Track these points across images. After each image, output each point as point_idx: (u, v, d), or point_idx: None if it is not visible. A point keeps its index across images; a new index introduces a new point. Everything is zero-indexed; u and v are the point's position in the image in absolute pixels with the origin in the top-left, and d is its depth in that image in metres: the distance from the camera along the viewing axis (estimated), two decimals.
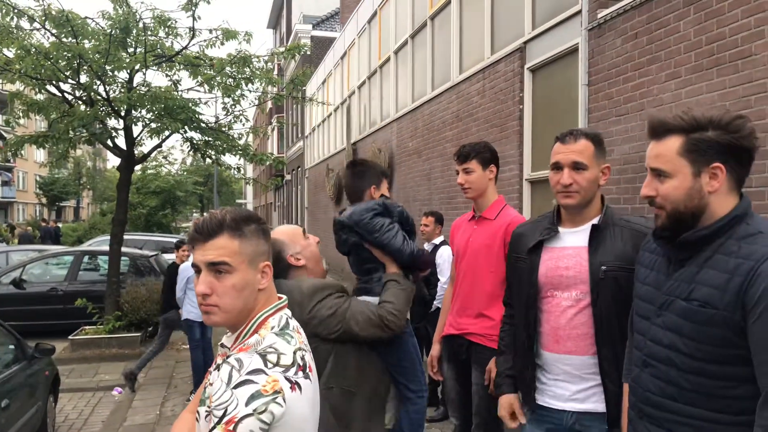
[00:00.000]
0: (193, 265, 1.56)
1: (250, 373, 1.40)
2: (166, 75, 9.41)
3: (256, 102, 10.39)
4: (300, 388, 1.45)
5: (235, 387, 1.38)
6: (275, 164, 10.70)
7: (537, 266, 2.33)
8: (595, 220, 2.28)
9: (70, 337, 9.13)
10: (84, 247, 15.08)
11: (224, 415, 1.35)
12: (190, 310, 6.68)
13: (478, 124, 8.49)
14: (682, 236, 1.71)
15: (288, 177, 28.87)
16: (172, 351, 9.03)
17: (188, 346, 7.05)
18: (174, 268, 7.24)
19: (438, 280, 5.71)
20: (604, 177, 2.31)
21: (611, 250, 2.20)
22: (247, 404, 1.36)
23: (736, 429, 1.59)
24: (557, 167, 2.28)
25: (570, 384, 2.25)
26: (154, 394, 7.10)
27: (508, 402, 2.46)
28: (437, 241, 6.06)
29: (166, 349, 8.12)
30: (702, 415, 1.63)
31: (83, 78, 8.76)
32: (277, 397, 1.38)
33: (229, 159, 19.39)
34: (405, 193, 11.44)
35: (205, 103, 11.65)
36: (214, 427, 1.35)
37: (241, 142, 10.00)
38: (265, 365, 1.43)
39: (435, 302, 5.73)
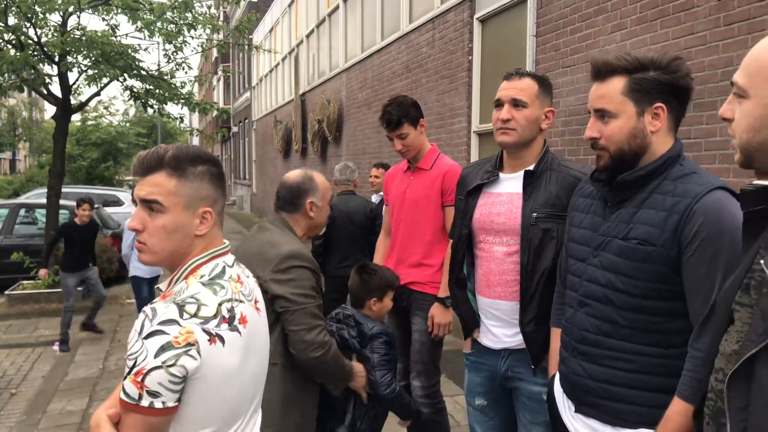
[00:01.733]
0: (132, 198, 1.48)
1: (162, 323, 1.33)
2: (103, 19, 8.97)
3: (200, 49, 10.02)
4: (222, 340, 1.37)
5: (146, 337, 1.31)
6: (219, 114, 10.41)
7: (472, 210, 2.33)
8: (531, 166, 2.26)
9: (6, 292, 8.84)
10: (21, 200, 14.51)
11: (134, 366, 1.29)
12: (137, 267, 6.56)
13: (428, 75, 8.42)
14: (619, 177, 1.73)
15: (235, 129, 28.28)
16: (115, 305, 8.86)
17: (134, 302, 6.97)
18: (67, 228, 7.13)
19: None
20: (547, 121, 2.29)
21: (544, 197, 2.19)
22: (156, 356, 1.29)
23: (668, 361, 1.65)
24: (498, 104, 2.26)
25: (500, 329, 2.28)
26: (98, 348, 6.98)
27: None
28: None
29: (108, 303, 7.97)
30: (636, 349, 1.68)
31: (11, 20, 8.26)
32: (190, 350, 1.31)
33: (173, 109, 18.81)
34: (355, 145, 11.34)
35: (146, 49, 11.21)
36: (124, 378, 1.30)
37: (184, 90, 9.64)
38: (180, 316, 1.34)
39: None
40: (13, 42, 8.46)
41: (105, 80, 8.84)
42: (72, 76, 8.98)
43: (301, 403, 2.31)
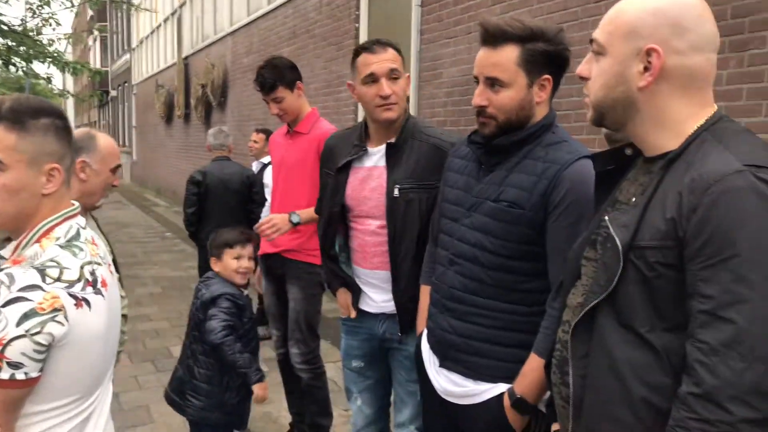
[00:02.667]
0: None
1: (23, 289, 1.25)
2: None
3: (69, 4, 9.29)
4: (89, 304, 1.32)
5: (5, 305, 1.23)
6: (92, 76, 9.74)
7: (343, 188, 2.30)
8: (393, 138, 2.24)
9: None
10: None
11: None
12: None
13: (315, 41, 8.28)
14: (494, 141, 1.77)
15: (114, 93, 26.62)
16: None
17: None
18: None
19: (266, 200, 5.63)
20: (407, 88, 2.29)
21: (406, 169, 2.19)
22: (18, 324, 1.22)
23: (529, 319, 1.73)
24: (373, 79, 2.18)
25: (378, 294, 2.31)
26: None
27: (342, 296, 2.45)
28: (266, 160, 5.92)
29: None
30: (500, 307, 1.75)
31: None
32: (56, 316, 1.25)
33: (40, 68, 17.42)
34: (240, 111, 11.01)
35: (6, 1, 10.22)
36: None
37: (52, 49, 8.93)
38: (43, 280, 1.27)
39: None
40: None
41: None
42: None
43: None
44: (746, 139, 1.16)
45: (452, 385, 1.84)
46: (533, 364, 1.65)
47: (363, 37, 7.20)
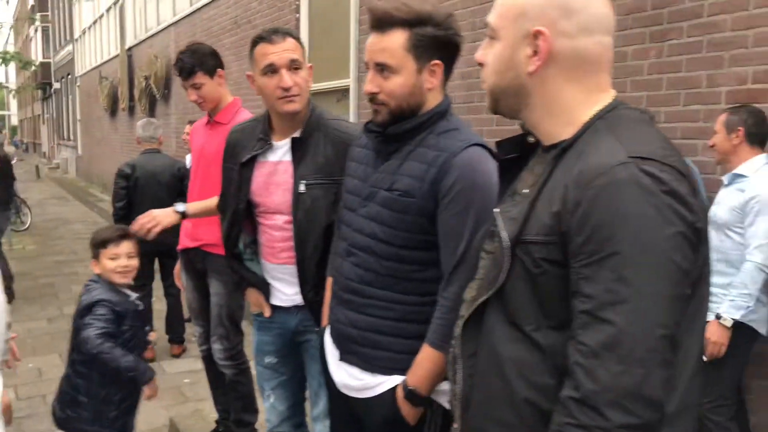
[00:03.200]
0: None
1: None
2: None
3: None
4: None
5: None
6: (23, 66, 9.38)
7: (248, 183, 2.24)
8: (298, 132, 2.18)
9: None
10: None
11: None
12: None
13: (257, 31, 8.02)
14: (388, 129, 1.74)
15: (57, 85, 25.77)
16: None
17: None
18: None
19: None
20: (310, 77, 2.23)
21: (313, 164, 2.14)
22: None
23: (422, 308, 1.71)
24: (272, 70, 2.11)
25: (289, 287, 2.26)
26: None
27: (253, 296, 2.40)
28: None
29: None
30: (394, 298, 1.72)
31: None
32: None
33: None
34: (185, 104, 10.78)
35: None
36: None
37: None
38: None
39: None
40: None
41: None
42: None
43: None
44: (640, 129, 1.10)
45: (351, 379, 1.81)
46: (426, 354, 1.63)
47: (304, 28, 7.11)
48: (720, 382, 2.84)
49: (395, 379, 1.73)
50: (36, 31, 27.72)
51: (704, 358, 2.70)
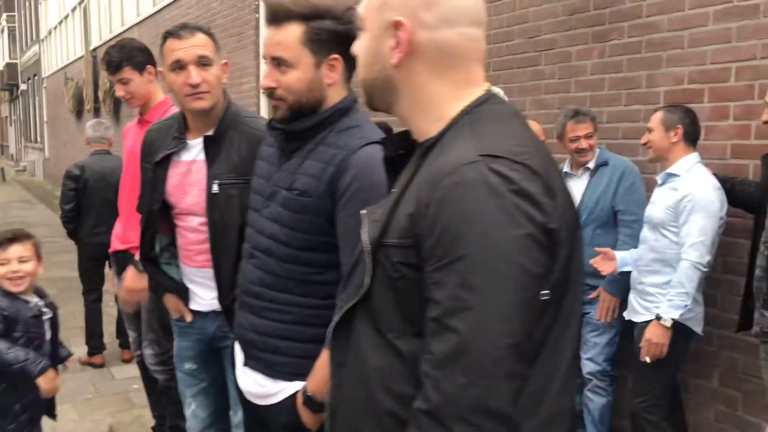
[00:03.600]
0: None
1: None
2: None
3: None
4: None
5: None
6: None
7: (163, 183, 2.17)
8: (211, 130, 2.11)
9: None
10: None
11: None
12: None
13: (218, 32, 7.94)
14: (288, 127, 1.69)
15: (24, 86, 25.32)
16: None
17: None
18: None
19: None
20: (225, 75, 2.17)
21: (227, 163, 2.08)
22: None
23: (322, 312, 1.66)
24: (179, 66, 2.04)
25: (207, 292, 2.20)
26: None
27: (171, 301, 2.34)
28: None
29: None
30: (294, 301, 1.68)
31: None
32: None
33: None
34: None
35: None
36: None
37: None
38: None
39: None
40: None
41: None
42: None
43: None
44: (502, 125, 1.04)
45: (255, 386, 1.76)
46: (324, 359, 1.59)
47: (263, 28, 7.04)
48: (654, 381, 2.83)
49: (296, 385, 1.68)
50: (2, 31, 27.23)
51: (647, 360, 2.78)
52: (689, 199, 2.69)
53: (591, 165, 3.22)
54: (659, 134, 2.86)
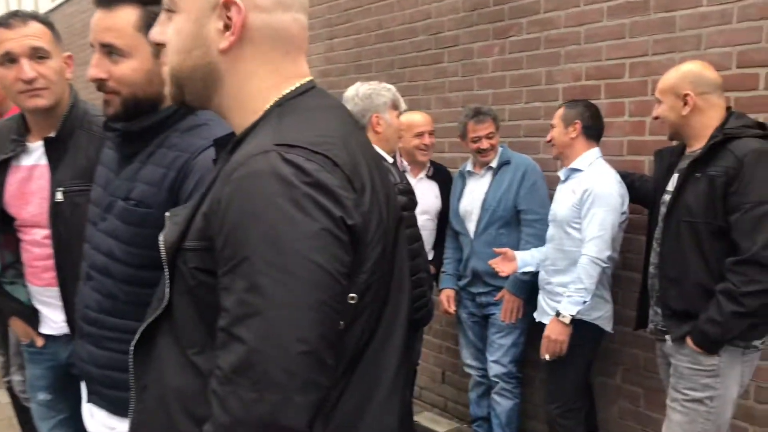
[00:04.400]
0: None
1: None
2: None
3: None
4: None
5: None
6: None
7: (0, 190, 1.95)
8: (53, 132, 1.91)
9: None
10: None
11: None
12: None
13: None
14: (123, 126, 1.50)
15: None
16: None
17: None
18: None
19: None
20: (69, 69, 1.96)
21: (74, 167, 1.88)
22: None
23: None
24: (10, 59, 1.82)
25: (58, 313, 1.97)
26: None
27: (18, 326, 2.10)
28: None
29: None
30: (135, 327, 1.45)
31: None
32: None
33: None
34: None
35: None
36: None
37: None
38: None
39: None
40: None
41: None
42: None
43: None
44: (311, 116, 0.96)
45: (103, 429, 1.55)
46: None
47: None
48: (567, 385, 2.79)
49: None
50: None
51: (546, 357, 2.73)
52: (590, 194, 2.65)
53: (494, 164, 3.15)
54: (559, 130, 2.82)
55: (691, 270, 2.19)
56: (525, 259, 2.90)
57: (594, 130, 2.80)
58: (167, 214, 1.03)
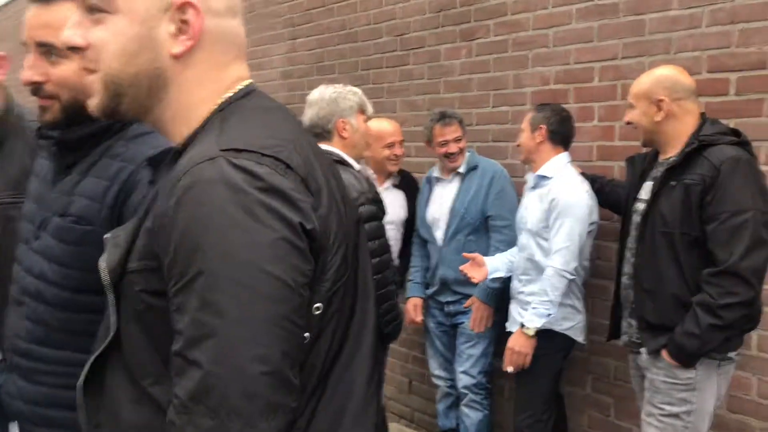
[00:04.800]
0: None
1: None
2: None
3: None
4: None
5: None
6: None
7: None
8: None
9: None
10: None
11: None
12: None
13: None
14: (61, 135, 1.36)
15: None
16: None
17: None
18: None
19: None
20: (1, 71, 1.82)
21: (6, 177, 1.75)
22: None
23: None
24: None
25: None
26: None
27: None
28: None
29: None
30: (70, 359, 1.32)
31: None
32: None
33: None
34: None
35: None
36: None
37: None
38: None
39: None
40: None
41: None
42: None
43: None
44: (256, 119, 0.90)
45: None
46: None
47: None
48: (536, 396, 2.73)
49: None
50: None
51: (510, 369, 2.66)
52: (557, 203, 2.59)
53: (462, 169, 3.07)
54: (527, 134, 2.75)
55: (667, 282, 2.14)
56: (495, 265, 2.83)
57: (561, 135, 2.74)
58: (106, 236, 0.94)
